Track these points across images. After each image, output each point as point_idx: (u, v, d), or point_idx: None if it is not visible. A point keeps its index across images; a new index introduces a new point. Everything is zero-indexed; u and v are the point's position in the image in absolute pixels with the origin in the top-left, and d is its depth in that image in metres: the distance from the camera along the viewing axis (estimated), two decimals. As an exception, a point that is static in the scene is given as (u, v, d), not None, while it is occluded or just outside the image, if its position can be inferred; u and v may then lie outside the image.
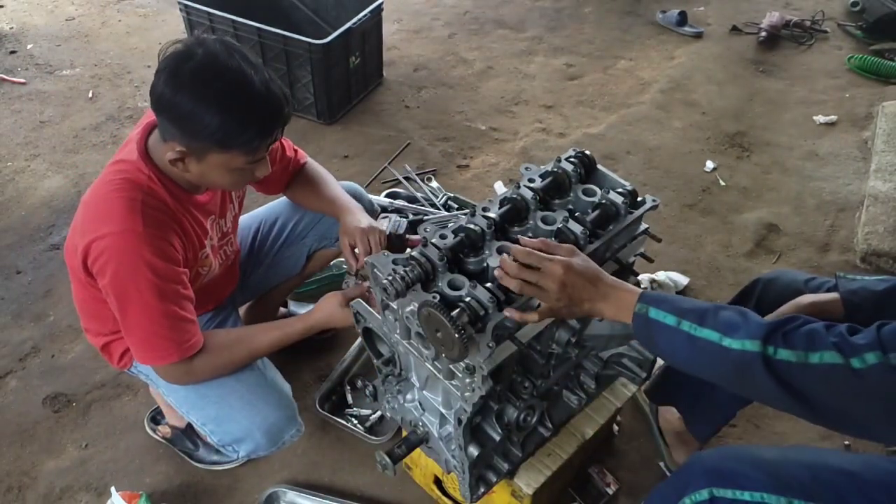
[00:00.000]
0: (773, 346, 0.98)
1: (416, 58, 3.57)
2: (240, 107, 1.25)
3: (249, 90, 1.25)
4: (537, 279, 1.10)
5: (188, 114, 1.23)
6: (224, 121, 1.24)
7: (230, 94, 1.24)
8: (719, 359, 1.02)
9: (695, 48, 3.71)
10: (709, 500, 1.13)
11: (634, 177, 2.85)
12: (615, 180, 1.38)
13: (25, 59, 3.49)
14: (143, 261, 1.31)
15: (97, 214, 1.34)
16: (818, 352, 0.96)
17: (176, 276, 1.38)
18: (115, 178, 1.35)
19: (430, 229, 1.26)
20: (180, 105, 1.23)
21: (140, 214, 1.31)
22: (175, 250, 1.38)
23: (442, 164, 2.90)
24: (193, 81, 1.23)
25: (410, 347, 1.29)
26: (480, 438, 1.34)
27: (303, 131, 3.06)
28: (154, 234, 1.32)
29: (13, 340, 2.19)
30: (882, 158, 2.84)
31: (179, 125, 1.26)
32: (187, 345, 1.41)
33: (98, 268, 1.33)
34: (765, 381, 0.98)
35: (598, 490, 1.80)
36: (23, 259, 2.46)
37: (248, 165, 1.34)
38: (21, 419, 1.98)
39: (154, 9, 3.93)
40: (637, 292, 1.12)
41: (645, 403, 1.96)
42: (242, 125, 1.26)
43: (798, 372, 0.97)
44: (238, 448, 1.57)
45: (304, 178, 1.76)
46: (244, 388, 1.54)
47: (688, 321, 1.05)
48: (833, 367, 0.95)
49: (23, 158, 2.89)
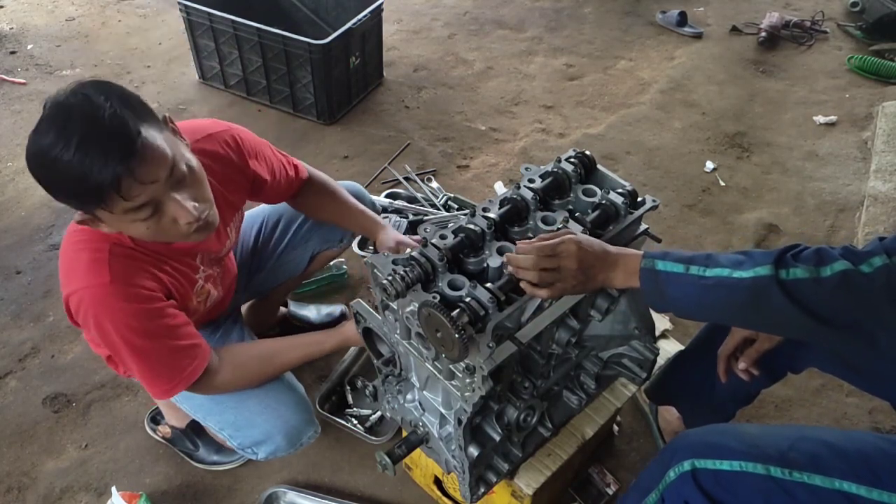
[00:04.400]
0: (784, 268, 1.02)
1: (416, 58, 3.58)
2: (63, 152, 1.08)
3: (84, 131, 1.08)
4: (557, 263, 1.11)
5: (33, 169, 1.13)
6: (52, 171, 1.11)
7: (44, 165, 1.11)
8: (733, 291, 1.05)
9: (695, 48, 3.71)
10: (691, 471, 1.16)
11: (634, 177, 2.85)
12: (615, 180, 1.38)
13: (25, 59, 3.49)
14: (117, 310, 1.27)
15: (67, 269, 1.30)
16: (828, 265, 1.01)
17: (157, 313, 1.33)
18: (80, 230, 1.29)
19: (430, 229, 1.26)
20: (28, 161, 1.14)
21: (106, 265, 1.26)
22: (149, 290, 1.32)
23: (442, 165, 2.90)
24: (33, 133, 1.12)
25: (410, 347, 1.29)
26: (480, 438, 1.34)
27: (303, 131, 3.06)
28: (123, 282, 1.27)
29: (13, 340, 2.19)
30: (882, 158, 2.84)
31: (42, 185, 1.15)
32: (189, 371, 1.38)
33: (81, 320, 1.32)
34: (780, 302, 1.01)
35: (598, 490, 1.81)
36: (23, 259, 2.46)
37: (138, 214, 1.17)
38: (21, 419, 1.98)
39: (154, 9, 3.93)
40: (638, 253, 1.14)
41: (645, 403, 1.97)
42: (68, 188, 1.12)
43: (812, 287, 1.01)
44: (257, 450, 1.56)
45: (315, 191, 1.72)
46: (262, 392, 1.53)
47: (695, 265, 1.08)
48: (844, 274, 0.99)
49: (23, 159, 2.88)
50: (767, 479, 1.11)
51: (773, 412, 2.01)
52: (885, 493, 1.06)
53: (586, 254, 1.12)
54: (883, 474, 1.07)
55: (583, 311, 1.37)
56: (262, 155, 1.58)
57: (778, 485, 1.10)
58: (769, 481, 1.11)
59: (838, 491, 1.08)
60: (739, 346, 1.45)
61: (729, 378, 1.49)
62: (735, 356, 1.46)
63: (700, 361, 1.59)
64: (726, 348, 1.47)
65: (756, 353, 1.41)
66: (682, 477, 1.18)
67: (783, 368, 1.52)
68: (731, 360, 1.47)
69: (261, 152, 1.58)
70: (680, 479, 1.18)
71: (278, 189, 1.64)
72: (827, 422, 1.99)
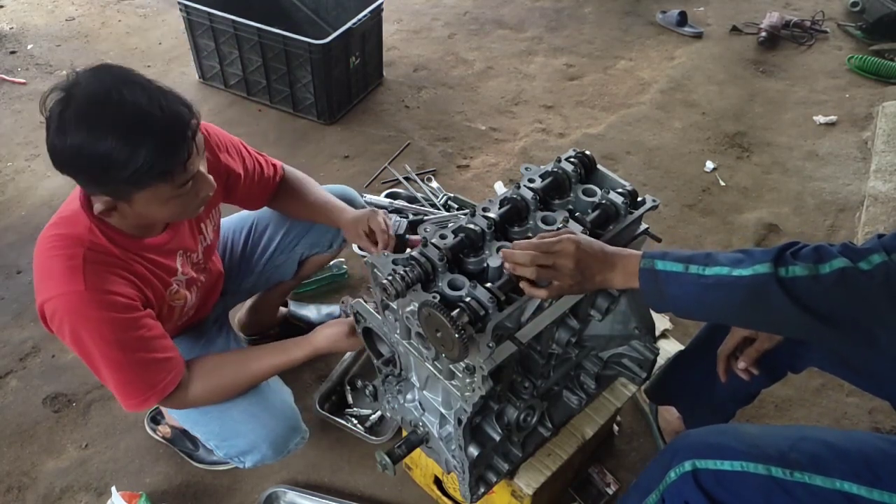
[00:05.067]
0: (783, 266, 1.02)
1: (416, 58, 3.58)
2: (136, 138, 1.12)
3: (141, 117, 1.13)
4: (553, 261, 1.11)
5: (88, 163, 1.13)
6: (126, 159, 1.11)
7: (122, 128, 1.11)
8: (732, 289, 1.04)
9: (695, 48, 3.71)
10: (691, 471, 1.17)
11: (634, 177, 2.85)
12: (615, 180, 1.38)
13: (25, 59, 3.49)
14: (92, 319, 1.25)
15: (41, 276, 1.27)
16: (827, 262, 1.00)
17: (133, 323, 1.30)
18: (53, 236, 1.27)
19: (430, 229, 1.26)
20: (77, 156, 1.12)
21: (80, 272, 1.23)
22: (126, 298, 1.29)
23: (442, 164, 2.90)
24: (79, 127, 1.11)
25: (410, 347, 1.29)
26: (480, 438, 1.34)
27: (303, 131, 3.06)
28: (98, 290, 1.25)
29: (13, 340, 2.19)
30: (882, 158, 2.84)
31: (87, 177, 1.17)
32: (162, 385, 1.35)
33: (55, 328, 1.30)
34: (780, 300, 1.01)
35: (598, 490, 1.81)
36: (23, 259, 2.45)
37: (182, 189, 1.22)
38: (21, 419, 1.98)
39: (154, 9, 3.93)
40: (637, 253, 1.14)
41: (645, 403, 1.97)
42: (147, 156, 1.12)
43: (810, 285, 1.00)
44: (244, 459, 1.55)
45: (287, 190, 1.71)
46: (245, 402, 1.51)
47: (695, 264, 1.08)
48: (843, 272, 0.99)
49: (23, 158, 2.89)
50: (768, 479, 1.11)
51: (773, 412, 2.01)
52: (885, 494, 1.06)
53: (584, 254, 1.12)
54: (883, 475, 1.07)
55: (583, 311, 1.37)
56: (235, 150, 1.57)
57: (779, 485, 1.10)
58: (770, 481, 1.11)
59: (839, 491, 1.08)
60: (739, 346, 1.45)
61: (729, 378, 1.49)
62: (735, 356, 1.46)
63: (700, 361, 1.59)
64: (726, 348, 1.47)
65: (756, 353, 1.42)
66: (683, 477, 1.18)
67: (783, 368, 1.52)
68: (730, 359, 1.47)
69: (232, 147, 1.57)
70: (681, 480, 1.18)
71: (253, 188, 1.63)
72: (827, 422, 1.99)
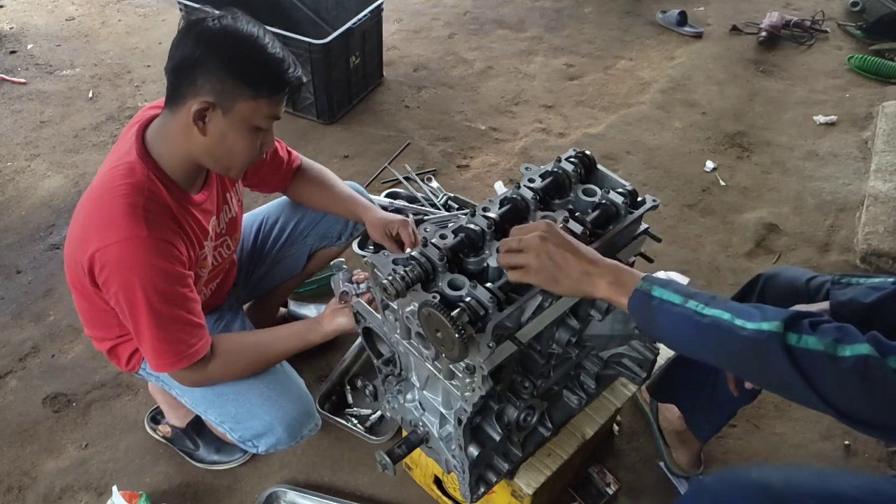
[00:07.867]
0: (797, 332, 0.93)
1: (416, 58, 3.58)
2: (274, 53, 1.30)
3: (275, 42, 1.32)
4: (520, 247, 1.10)
5: (235, 42, 1.27)
6: (264, 61, 1.28)
7: (269, 37, 1.32)
8: (729, 338, 0.97)
9: (695, 48, 3.71)
10: None
11: (634, 177, 2.85)
12: (615, 180, 1.38)
13: (25, 59, 3.49)
14: (150, 267, 1.29)
15: (98, 223, 1.30)
16: (849, 344, 0.91)
17: (182, 280, 1.36)
18: (113, 182, 1.31)
19: (430, 229, 1.26)
20: (221, 48, 1.26)
21: (143, 220, 1.28)
22: (180, 252, 1.36)
23: (442, 164, 2.90)
24: (225, 31, 1.28)
25: (410, 347, 1.29)
26: (480, 438, 1.34)
27: (303, 131, 3.06)
28: (159, 238, 1.30)
29: (13, 340, 2.19)
30: (882, 158, 2.84)
31: (217, 69, 1.26)
32: (194, 349, 1.40)
33: (104, 278, 1.31)
34: (783, 367, 0.93)
35: (598, 490, 1.81)
36: (23, 259, 2.46)
37: (267, 123, 1.34)
38: (21, 419, 1.98)
39: (154, 9, 3.93)
40: (638, 274, 1.08)
41: (645, 403, 1.97)
42: (276, 68, 1.30)
43: (824, 363, 0.91)
44: (258, 443, 1.56)
45: (308, 178, 1.76)
46: (262, 384, 1.54)
47: (695, 300, 1.01)
48: (865, 360, 0.89)
49: (23, 158, 2.89)
50: None
51: (773, 412, 2.01)
52: None
53: (550, 247, 1.08)
54: None
55: (583, 311, 1.37)
56: None
57: None
58: None
59: None
60: None
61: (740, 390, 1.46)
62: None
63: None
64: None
65: None
66: None
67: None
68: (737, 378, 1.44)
69: None
70: None
71: (265, 168, 1.68)
72: (827, 422, 1.99)
